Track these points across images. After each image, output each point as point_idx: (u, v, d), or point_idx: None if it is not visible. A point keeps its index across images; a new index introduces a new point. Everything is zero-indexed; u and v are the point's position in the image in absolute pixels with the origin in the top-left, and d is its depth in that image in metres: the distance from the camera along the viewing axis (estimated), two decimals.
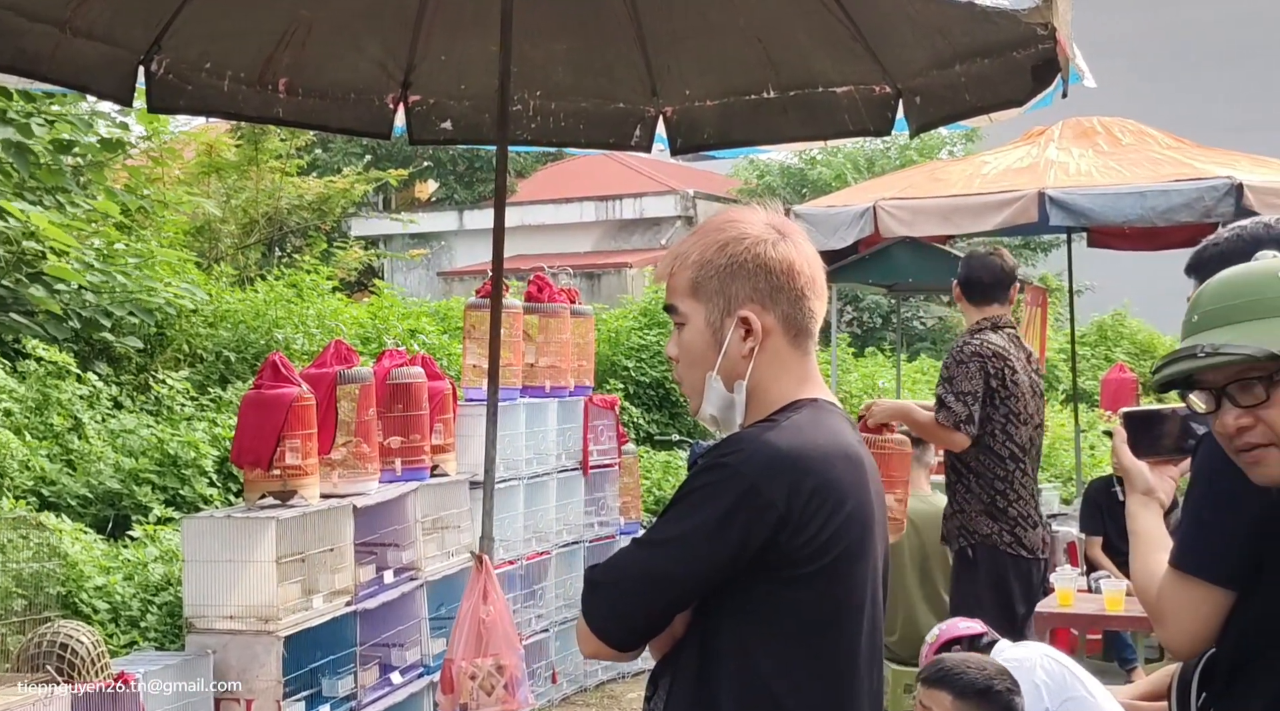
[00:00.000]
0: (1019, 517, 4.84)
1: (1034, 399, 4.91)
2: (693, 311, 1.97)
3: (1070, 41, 3.18)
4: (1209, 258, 2.26)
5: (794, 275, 1.94)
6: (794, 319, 1.95)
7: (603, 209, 22.66)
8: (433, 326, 9.64)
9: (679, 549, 1.85)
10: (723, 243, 1.95)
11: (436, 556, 5.26)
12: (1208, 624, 2.03)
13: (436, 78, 4.45)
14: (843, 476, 1.88)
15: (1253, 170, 6.99)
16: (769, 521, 1.81)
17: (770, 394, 1.95)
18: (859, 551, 1.90)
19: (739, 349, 1.93)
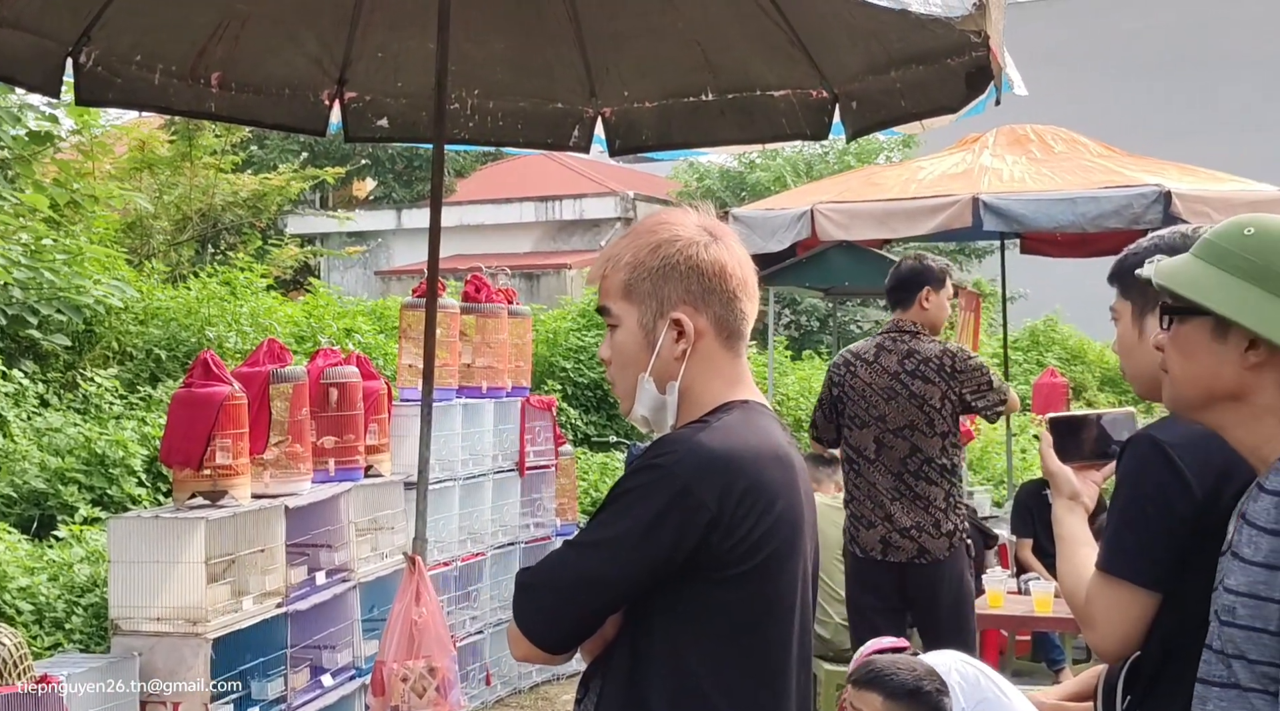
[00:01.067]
0: (853, 517, 5.02)
1: (886, 402, 4.91)
2: (625, 313, 1.97)
3: (1002, 49, 3.22)
4: (1130, 266, 2.29)
5: (726, 277, 1.95)
6: (726, 321, 1.96)
7: (542, 209, 22.60)
8: (369, 326, 9.57)
9: (611, 551, 1.85)
10: (655, 245, 1.95)
11: (370, 557, 5.21)
12: (1135, 626, 2.05)
13: (373, 74, 4.41)
14: (774, 477, 1.89)
15: (1181, 178, 7.13)
16: (701, 522, 1.82)
17: (701, 395, 1.96)
18: (789, 552, 1.91)
19: (671, 350, 1.94)
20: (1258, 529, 1.71)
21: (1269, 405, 1.77)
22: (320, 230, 19.64)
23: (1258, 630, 1.68)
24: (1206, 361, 1.81)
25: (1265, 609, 1.67)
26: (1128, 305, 2.27)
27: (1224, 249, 1.79)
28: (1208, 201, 6.69)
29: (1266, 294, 1.73)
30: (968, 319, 9.05)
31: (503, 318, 6.28)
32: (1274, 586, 1.66)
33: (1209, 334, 1.79)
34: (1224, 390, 1.80)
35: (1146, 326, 2.22)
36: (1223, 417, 1.82)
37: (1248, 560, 1.71)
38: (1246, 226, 1.81)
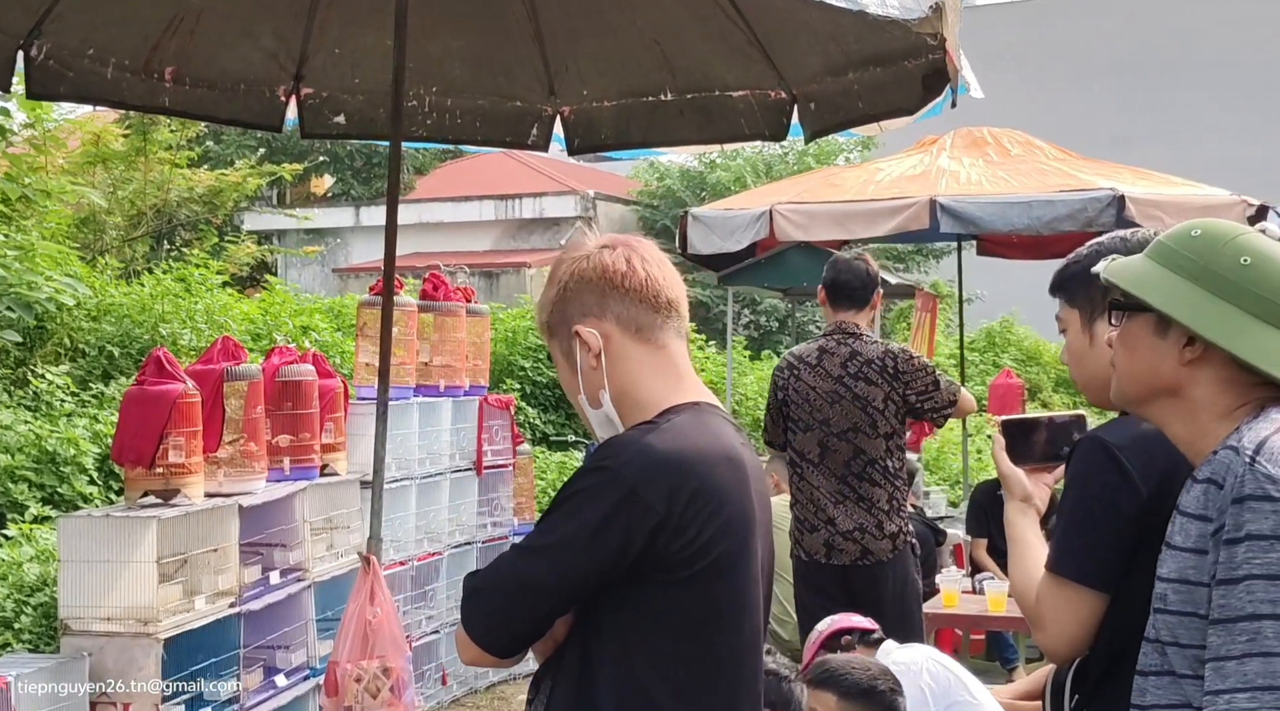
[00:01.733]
0: (797, 520, 5.04)
1: (830, 406, 4.92)
2: (555, 350, 2.05)
3: (959, 52, 3.25)
4: (1072, 275, 2.29)
5: (611, 275, 1.98)
6: (628, 316, 1.98)
7: (502, 208, 22.52)
8: (326, 324, 9.50)
9: (558, 555, 1.85)
10: (553, 278, 2.03)
11: (325, 557, 5.18)
12: (1085, 627, 2.07)
13: (330, 71, 4.39)
14: (723, 479, 1.89)
15: (1134, 182, 7.21)
16: (648, 525, 1.82)
17: (639, 395, 1.97)
18: (740, 553, 1.90)
19: (588, 363, 1.98)
20: (1187, 516, 1.76)
21: (1205, 401, 1.82)
22: (277, 227, 19.48)
23: (1188, 614, 1.72)
24: (1148, 356, 1.85)
25: (1195, 593, 1.71)
26: (1075, 313, 2.29)
27: (1170, 248, 1.84)
28: (1160, 205, 6.77)
29: (1204, 292, 1.78)
30: (924, 320, 9.11)
31: (461, 316, 6.26)
32: (1202, 570, 1.70)
33: (1151, 330, 1.84)
34: (1163, 385, 1.84)
35: (1097, 332, 2.23)
36: (1163, 413, 1.86)
37: (1178, 547, 1.75)
38: (1194, 228, 1.86)
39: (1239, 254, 1.78)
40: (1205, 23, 27.25)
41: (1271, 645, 1.62)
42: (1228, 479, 1.69)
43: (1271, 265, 1.78)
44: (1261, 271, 1.77)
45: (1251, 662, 1.62)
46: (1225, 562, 1.66)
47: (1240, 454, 1.70)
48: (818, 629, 4.06)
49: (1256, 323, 1.77)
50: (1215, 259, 1.79)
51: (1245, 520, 1.66)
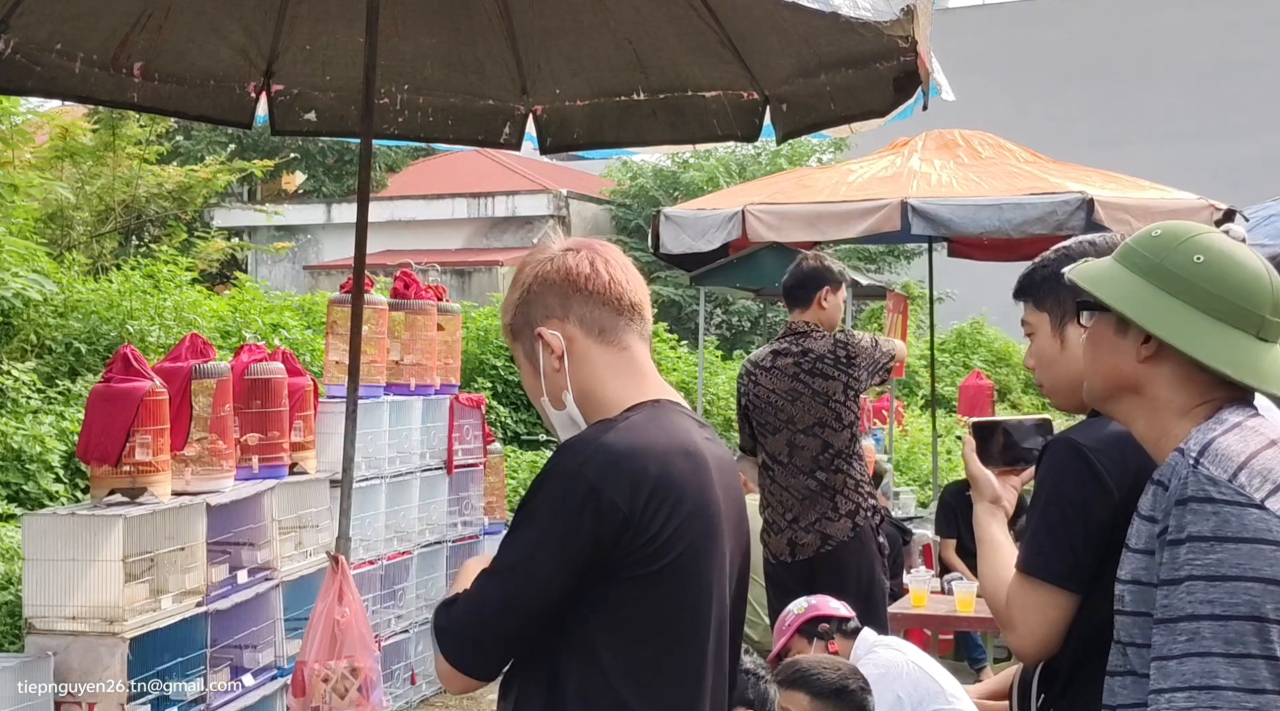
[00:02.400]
0: (766, 523, 5.07)
1: (792, 404, 4.95)
2: (518, 352, 2.05)
3: (930, 55, 3.26)
4: (1040, 279, 2.28)
5: (574, 278, 1.98)
6: (591, 318, 1.98)
7: (474, 206, 22.48)
8: (296, 321, 9.44)
9: (532, 569, 1.84)
10: (518, 281, 2.04)
11: (294, 556, 5.15)
12: (1055, 628, 2.07)
13: (301, 67, 4.36)
14: (682, 473, 1.88)
15: (1104, 186, 7.26)
16: (614, 521, 1.82)
17: (601, 396, 1.97)
18: (704, 548, 1.90)
19: (551, 365, 1.98)
20: (1141, 518, 1.78)
21: (1165, 399, 1.83)
22: (248, 223, 19.38)
23: (1142, 614, 1.74)
24: (1110, 355, 1.87)
25: (1147, 593, 1.73)
26: (1044, 316, 2.28)
27: (1131, 248, 1.86)
28: (1129, 209, 6.82)
29: (1156, 288, 1.80)
30: (895, 320, 9.14)
31: (432, 315, 6.24)
32: (1152, 571, 1.72)
33: (1113, 328, 1.86)
34: (1125, 383, 1.86)
35: (1068, 336, 2.23)
36: (1128, 411, 1.88)
37: (1133, 548, 1.78)
38: (1156, 228, 1.88)
39: (1194, 252, 1.80)
40: (1174, 28, 27.49)
41: (1209, 645, 1.64)
42: (1173, 481, 1.72)
43: (1226, 263, 1.79)
44: (1215, 269, 1.78)
45: (1190, 662, 1.64)
46: (1168, 563, 1.69)
47: (1185, 455, 1.72)
48: (790, 610, 4.00)
49: (1208, 320, 1.77)
50: (1169, 256, 1.81)
51: (1187, 522, 1.68)
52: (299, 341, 8.79)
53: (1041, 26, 28.83)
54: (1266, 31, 26.76)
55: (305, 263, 21.50)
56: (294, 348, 8.03)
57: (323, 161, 21.77)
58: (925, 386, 15.20)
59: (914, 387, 16.33)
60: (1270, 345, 1.80)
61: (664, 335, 13.97)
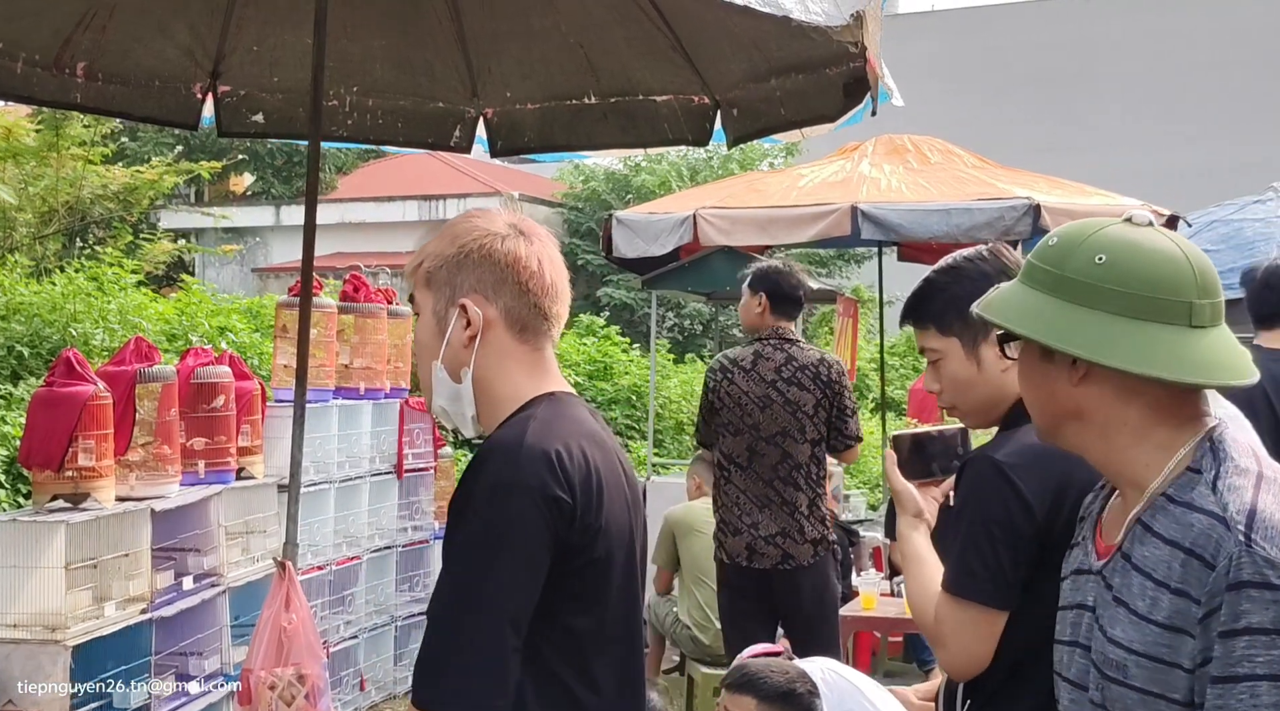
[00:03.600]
0: (721, 523, 5.10)
1: (761, 410, 4.97)
2: (424, 301, 2.01)
3: (880, 60, 3.28)
4: (943, 305, 2.25)
5: (519, 269, 1.97)
6: (517, 313, 1.98)
7: (426, 208, 22.38)
8: (244, 324, 9.35)
9: (509, 594, 1.82)
10: (456, 235, 2.00)
11: (241, 561, 5.09)
12: (987, 645, 2.08)
13: (248, 68, 4.32)
14: (597, 460, 1.93)
15: (1050, 191, 7.33)
16: (566, 515, 1.85)
17: (498, 388, 1.98)
18: (619, 533, 1.96)
19: (460, 337, 1.97)
20: (1154, 582, 1.57)
21: (1116, 420, 1.65)
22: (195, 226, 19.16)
23: (1155, 695, 1.56)
24: (1041, 384, 1.70)
25: (1169, 675, 1.54)
26: (953, 341, 2.24)
27: (1032, 264, 1.69)
28: (1074, 214, 6.88)
29: (1062, 302, 1.62)
30: (846, 325, 9.19)
31: (382, 318, 6.20)
32: (1179, 651, 1.53)
33: (1037, 356, 1.69)
34: (1066, 412, 1.69)
35: (984, 356, 2.21)
36: (1079, 439, 1.71)
37: (1144, 616, 1.57)
38: (1052, 237, 1.70)
39: (1093, 253, 1.61)
40: (1118, 37, 27.87)
41: None
42: (1219, 558, 1.51)
43: (1129, 256, 1.60)
44: (1120, 266, 1.59)
45: None
46: (1221, 658, 1.48)
47: (1231, 528, 1.52)
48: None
49: (1127, 322, 1.58)
50: (1069, 264, 1.62)
51: (1244, 611, 1.48)
52: (247, 345, 8.71)
53: (987, 34, 29.14)
54: (1209, 40, 27.20)
55: (254, 265, 21.31)
56: (242, 351, 7.96)
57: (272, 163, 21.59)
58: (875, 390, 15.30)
59: (864, 391, 16.44)
60: (1209, 330, 1.60)
61: (616, 339, 13.96)
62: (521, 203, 21.89)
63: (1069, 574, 1.78)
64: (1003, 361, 2.14)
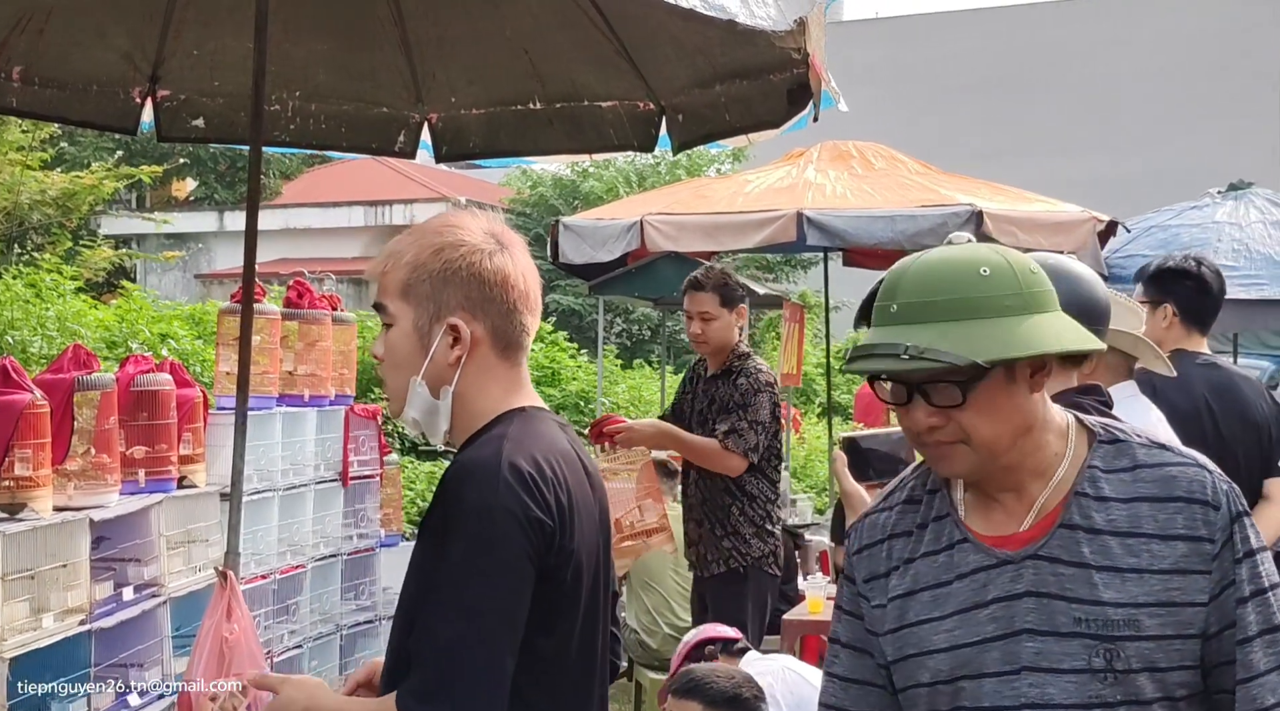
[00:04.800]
0: (778, 540, 5.03)
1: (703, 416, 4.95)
2: (401, 313, 1.94)
3: (824, 66, 3.30)
4: None
5: (508, 288, 1.93)
6: (504, 331, 1.95)
7: (372, 214, 22.26)
8: (186, 331, 9.26)
9: (503, 619, 1.80)
10: (439, 247, 1.92)
11: (183, 571, 5.02)
12: None
13: (188, 73, 4.28)
14: (571, 479, 1.92)
15: (992, 198, 7.42)
16: (547, 537, 1.83)
17: (476, 404, 1.95)
18: (589, 554, 1.94)
19: (446, 356, 1.92)
20: (1149, 537, 1.68)
21: (1040, 417, 1.74)
22: (136, 231, 18.94)
23: (1172, 636, 1.67)
24: (1010, 406, 1.69)
25: (1183, 614, 1.66)
26: None
27: (905, 305, 1.69)
28: (1015, 221, 6.98)
29: (985, 320, 1.65)
30: (792, 330, 9.24)
31: (327, 324, 6.14)
32: (1191, 591, 1.66)
33: (1003, 382, 1.68)
34: (1025, 425, 1.72)
35: None
36: (1018, 452, 1.72)
37: (1146, 569, 1.67)
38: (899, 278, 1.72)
39: (973, 269, 1.67)
40: (1057, 45, 28.28)
41: None
42: (1218, 497, 1.69)
43: (999, 261, 1.69)
44: (1002, 272, 1.67)
45: None
46: (1248, 578, 1.67)
47: (1210, 471, 1.72)
48: (684, 640, 4.10)
49: (1035, 316, 1.66)
50: (959, 287, 1.66)
51: (1247, 536, 1.69)
52: (189, 352, 8.62)
53: (930, 41, 29.46)
54: (1148, 48, 27.66)
55: (197, 271, 21.09)
56: (184, 358, 7.88)
57: (214, 168, 21.40)
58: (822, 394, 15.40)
59: (811, 395, 16.54)
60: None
61: (563, 344, 13.95)
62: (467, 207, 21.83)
63: (950, 579, 1.74)
64: None
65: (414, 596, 1.86)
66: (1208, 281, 3.99)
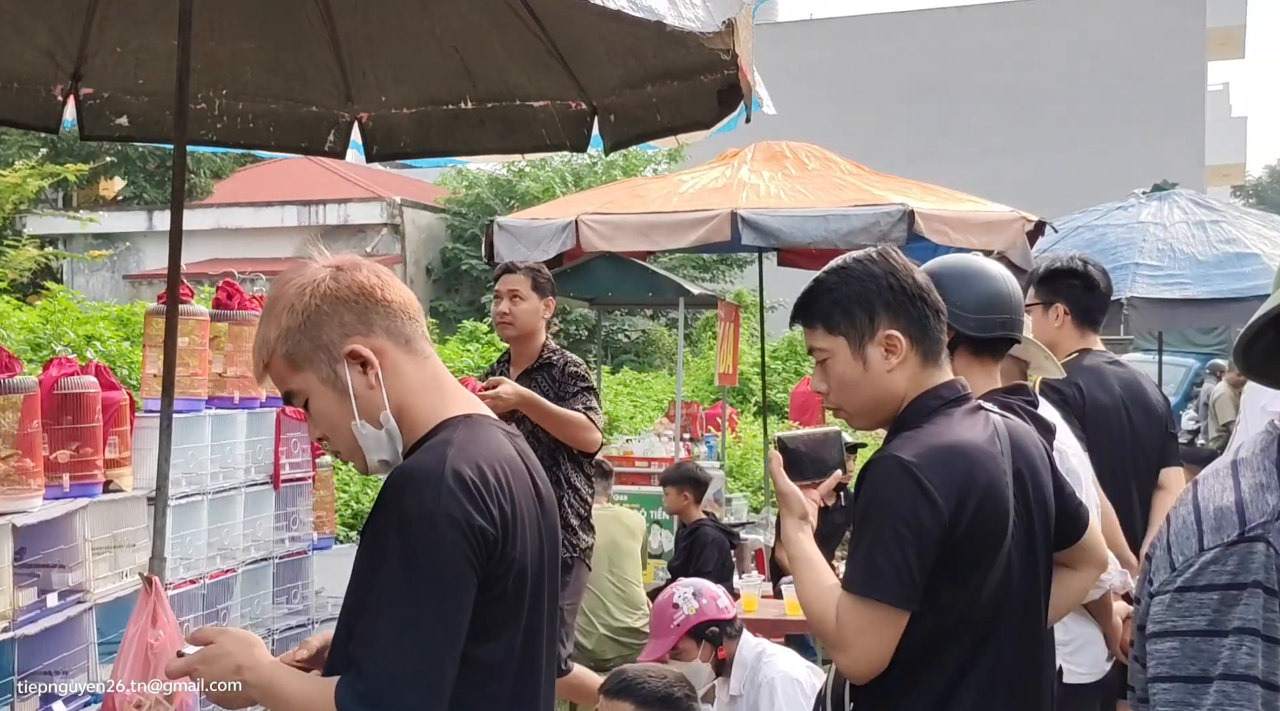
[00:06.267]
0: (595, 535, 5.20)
1: None
2: (306, 383, 1.92)
3: (752, 68, 3.32)
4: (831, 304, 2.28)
5: (368, 292, 1.93)
6: (395, 329, 1.94)
7: (305, 214, 22.00)
8: (113, 332, 9.11)
9: (444, 626, 1.79)
10: (288, 304, 1.91)
11: (109, 577, 4.93)
12: (889, 645, 2.10)
13: (112, 70, 4.21)
14: (517, 487, 1.90)
15: (923, 198, 7.49)
16: (489, 545, 1.82)
17: (413, 411, 1.93)
18: (533, 563, 1.92)
19: (364, 384, 1.90)
20: None
21: None
22: (63, 231, 18.59)
23: None
24: None
25: None
26: (840, 340, 2.26)
27: None
28: (947, 220, 7.06)
29: None
30: (728, 330, 9.28)
31: (257, 325, 6.07)
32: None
33: None
34: None
35: (869, 357, 2.24)
36: None
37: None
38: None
39: None
40: (986, 48, 28.66)
41: None
42: None
43: None
44: None
45: None
46: None
47: None
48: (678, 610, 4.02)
49: None
50: None
51: None
52: (116, 353, 8.48)
53: (863, 43, 29.72)
54: (1074, 52, 28.10)
55: (126, 272, 20.75)
56: (111, 360, 7.75)
57: (144, 167, 21.06)
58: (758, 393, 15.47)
59: (747, 394, 16.62)
60: None
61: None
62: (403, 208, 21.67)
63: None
64: (888, 362, 2.21)
65: (354, 604, 1.84)
66: (1094, 279, 4.08)
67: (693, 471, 7.19)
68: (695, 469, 7.32)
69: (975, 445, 2.17)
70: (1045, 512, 2.31)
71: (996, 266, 2.72)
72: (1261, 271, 7.80)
